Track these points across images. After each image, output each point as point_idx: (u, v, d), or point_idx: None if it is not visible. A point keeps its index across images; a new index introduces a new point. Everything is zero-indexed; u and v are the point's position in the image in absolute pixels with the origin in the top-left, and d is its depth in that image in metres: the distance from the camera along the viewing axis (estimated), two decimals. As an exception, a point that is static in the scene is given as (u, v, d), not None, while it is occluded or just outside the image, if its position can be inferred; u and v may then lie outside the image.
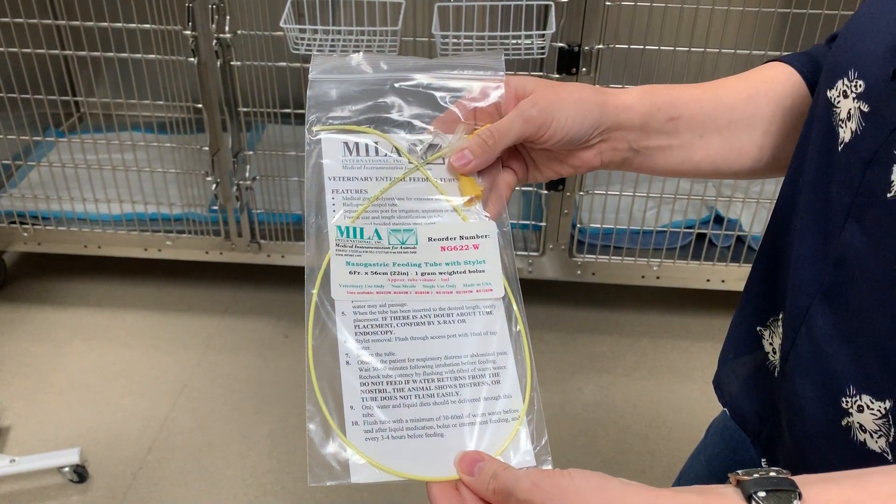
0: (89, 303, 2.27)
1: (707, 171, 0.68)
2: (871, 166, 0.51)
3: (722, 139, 0.67)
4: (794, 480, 0.43)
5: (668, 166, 0.68)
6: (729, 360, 0.72)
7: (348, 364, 0.56)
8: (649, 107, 0.65)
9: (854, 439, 0.54)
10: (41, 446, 1.82)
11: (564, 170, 0.67)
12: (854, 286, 0.53)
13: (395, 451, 0.54)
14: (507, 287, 0.60)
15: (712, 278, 2.07)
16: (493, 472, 0.49)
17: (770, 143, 0.67)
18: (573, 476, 0.45)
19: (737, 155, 0.67)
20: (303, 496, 1.74)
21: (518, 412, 0.56)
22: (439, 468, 0.53)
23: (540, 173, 0.68)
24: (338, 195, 0.62)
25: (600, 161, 0.66)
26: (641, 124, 0.65)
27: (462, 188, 0.63)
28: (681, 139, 0.66)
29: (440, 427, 0.55)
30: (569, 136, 0.63)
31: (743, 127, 0.67)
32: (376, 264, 0.60)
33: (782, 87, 0.67)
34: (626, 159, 0.67)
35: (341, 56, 0.66)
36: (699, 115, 0.66)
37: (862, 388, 0.53)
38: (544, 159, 0.67)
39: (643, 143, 0.66)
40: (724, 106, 0.67)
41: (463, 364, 0.57)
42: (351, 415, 0.55)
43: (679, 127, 0.66)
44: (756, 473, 0.43)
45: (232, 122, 1.94)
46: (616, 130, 0.65)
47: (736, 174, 0.69)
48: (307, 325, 0.57)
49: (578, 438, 1.89)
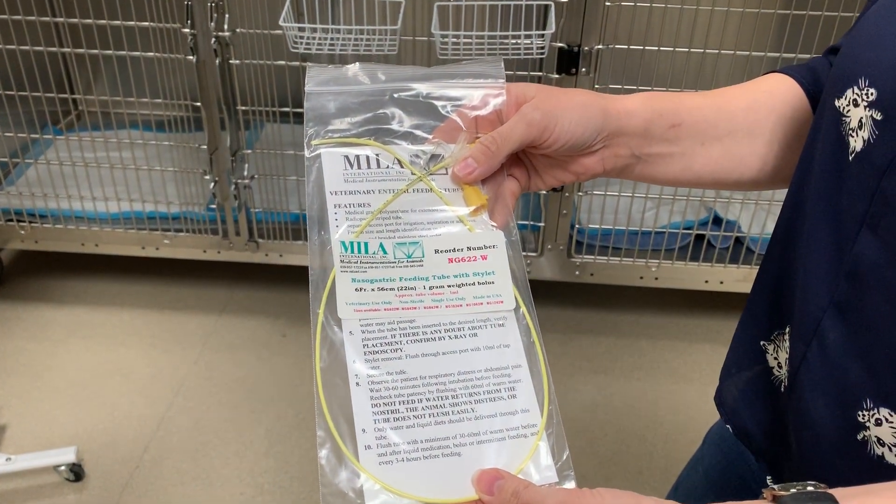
0: (86, 301, 2.26)
1: (708, 180, 0.68)
2: (887, 175, 0.51)
3: (723, 148, 0.66)
4: (832, 494, 0.42)
5: (669, 174, 0.67)
6: (731, 375, 0.71)
7: (358, 385, 0.54)
8: (651, 113, 0.65)
9: (871, 453, 0.53)
10: (37, 445, 1.82)
11: (567, 177, 0.67)
12: (869, 297, 0.52)
13: (411, 474, 0.52)
14: (518, 297, 0.59)
15: (711, 279, 2.07)
16: (514, 489, 0.48)
17: (771, 154, 0.67)
18: (604, 495, 0.43)
19: (737, 164, 0.67)
20: (299, 495, 1.74)
21: (537, 426, 0.54)
22: (458, 489, 0.51)
23: (542, 181, 0.68)
24: (340, 210, 0.60)
25: (602, 168, 0.66)
26: (643, 130, 0.65)
27: (467, 198, 0.62)
28: (682, 146, 0.66)
29: (456, 446, 0.53)
30: (572, 140, 0.62)
31: (743, 136, 0.67)
32: (383, 280, 0.58)
33: (783, 98, 0.67)
34: (628, 166, 0.67)
35: (337, 67, 0.65)
36: (700, 122, 0.66)
37: (880, 402, 0.52)
38: (546, 166, 0.67)
39: (645, 149, 0.66)
40: (724, 114, 0.67)
41: (477, 379, 0.55)
42: (363, 438, 0.52)
43: (680, 134, 0.66)
44: (793, 488, 0.42)
45: (230, 120, 1.94)
46: (618, 136, 0.65)
47: (737, 184, 0.69)
48: (314, 347, 0.55)
49: (576, 439, 1.89)
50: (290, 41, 1.70)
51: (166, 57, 1.89)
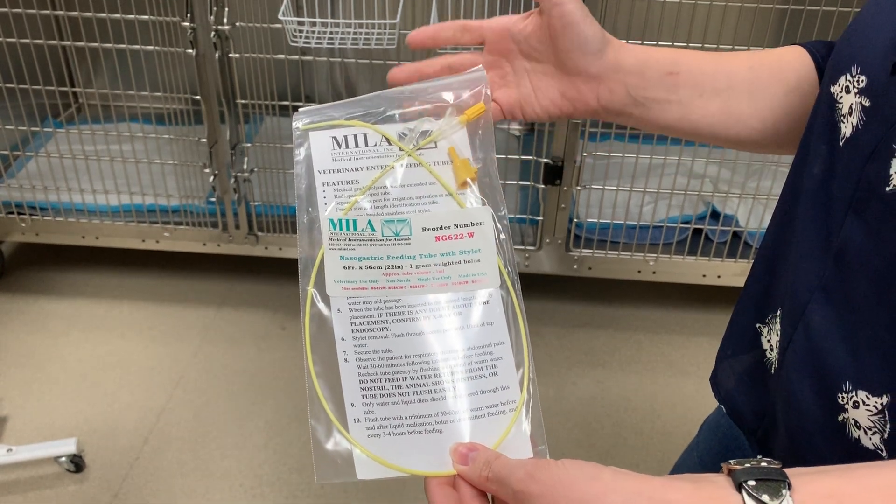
0: (86, 293, 2.27)
1: (706, 133, 0.68)
2: (871, 160, 0.52)
3: (721, 102, 0.66)
4: (784, 471, 0.43)
5: (666, 122, 0.67)
6: (727, 357, 0.72)
7: (346, 361, 0.56)
8: (647, 57, 0.66)
9: (849, 436, 0.54)
10: (38, 436, 1.83)
11: (560, 103, 0.67)
12: (853, 281, 0.53)
13: (397, 447, 0.54)
14: (504, 273, 0.60)
15: (708, 274, 2.08)
16: (486, 460, 0.50)
17: (771, 117, 0.67)
18: (567, 466, 0.45)
19: (735, 121, 0.67)
20: (298, 486, 1.75)
21: (515, 403, 0.56)
22: (440, 463, 0.54)
23: (533, 104, 0.68)
24: (328, 188, 0.61)
25: (597, 100, 0.66)
26: (639, 70, 0.65)
27: (456, 171, 0.62)
28: (679, 96, 0.66)
29: (438, 423, 0.55)
30: (579, 25, 0.63)
31: (743, 93, 0.67)
32: (370, 258, 0.59)
33: (788, 65, 0.67)
34: (625, 108, 0.67)
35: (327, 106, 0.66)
36: (698, 74, 0.66)
37: (858, 384, 0.53)
38: (541, 81, 0.67)
39: (641, 92, 0.66)
40: (724, 70, 0.67)
41: (460, 358, 0.57)
42: (352, 412, 0.55)
43: (678, 83, 0.66)
44: (748, 463, 0.44)
45: (230, 113, 1.94)
46: (615, 71, 0.65)
47: (736, 142, 0.69)
48: (303, 323, 0.57)
49: (573, 432, 1.90)
50: (289, 35, 1.71)
51: (166, 50, 1.89)
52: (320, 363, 0.56)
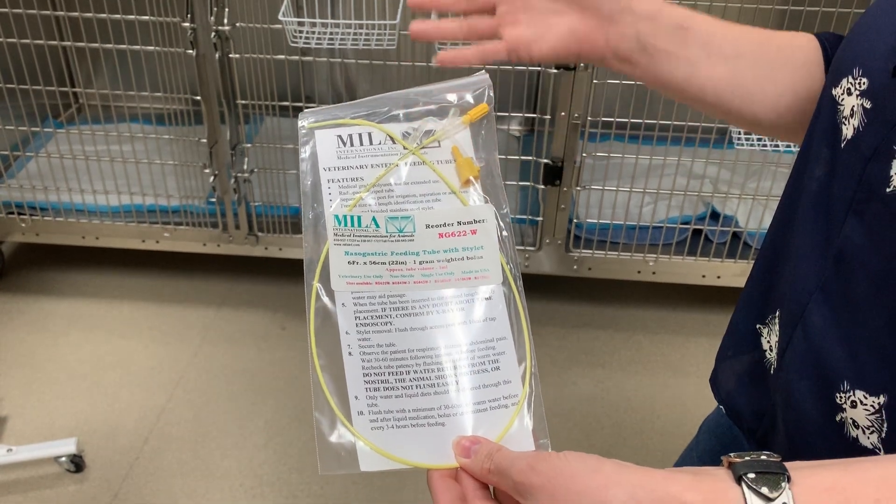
0: (86, 293, 2.27)
1: (711, 98, 0.68)
2: (872, 162, 0.52)
3: (728, 69, 0.67)
4: (783, 464, 0.44)
5: (674, 77, 0.67)
6: (727, 358, 0.72)
7: (350, 355, 0.57)
8: (660, 7, 0.66)
9: (847, 435, 0.54)
10: (38, 436, 1.83)
11: (569, 41, 0.67)
12: (852, 281, 0.53)
13: (400, 439, 0.55)
14: (506, 269, 0.60)
15: (708, 274, 2.08)
16: (488, 452, 0.50)
17: (773, 93, 0.67)
18: (569, 458, 0.45)
19: (739, 90, 0.67)
20: (298, 486, 1.75)
21: (517, 397, 0.56)
22: (443, 456, 0.54)
23: (540, 43, 0.68)
24: (334, 185, 0.62)
25: (606, 42, 0.66)
26: (651, 16, 0.66)
27: (459, 169, 0.63)
28: (688, 52, 0.66)
29: (441, 417, 0.55)
30: None
31: (749, 64, 0.67)
32: (375, 253, 0.60)
33: (798, 48, 0.67)
34: (632, 55, 0.67)
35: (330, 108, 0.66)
36: (706, 35, 0.67)
37: (856, 384, 0.53)
38: (552, 18, 0.67)
39: (651, 39, 0.66)
40: (733, 37, 0.67)
41: (463, 353, 0.57)
42: (356, 405, 0.56)
43: (688, 39, 0.66)
44: (747, 456, 0.44)
45: (230, 114, 1.95)
46: (626, 14, 0.66)
47: (738, 116, 0.69)
48: (309, 316, 0.58)
49: (573, 432, 1.90)
50: (289, 35, 1.71)
51: (166, 51, 1.90)
52: (325, 356, 0.57)
